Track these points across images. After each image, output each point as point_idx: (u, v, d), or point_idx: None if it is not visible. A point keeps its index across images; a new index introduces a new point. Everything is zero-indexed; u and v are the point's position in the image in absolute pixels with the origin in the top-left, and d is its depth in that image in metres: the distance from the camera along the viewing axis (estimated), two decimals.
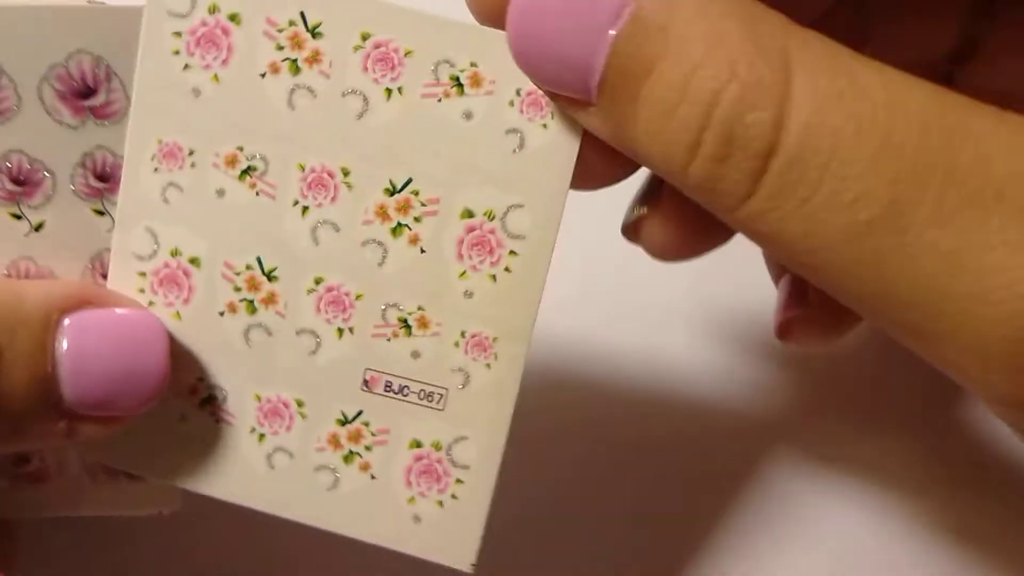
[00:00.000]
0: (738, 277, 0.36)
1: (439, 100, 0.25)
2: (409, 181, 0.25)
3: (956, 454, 0.36)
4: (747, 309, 0.38)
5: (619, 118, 0.23)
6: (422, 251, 0.26)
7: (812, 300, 0.29)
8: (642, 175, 0.28)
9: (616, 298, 0.39)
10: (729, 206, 0.22)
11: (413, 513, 0.27)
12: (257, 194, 0.26)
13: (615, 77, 0.22)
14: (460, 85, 0.25)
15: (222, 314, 0.26)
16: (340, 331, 0.26)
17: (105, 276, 0.27)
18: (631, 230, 0.28)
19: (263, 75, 0.25)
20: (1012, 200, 0.20)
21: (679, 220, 0.27)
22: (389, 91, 0.25)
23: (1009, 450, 0.36)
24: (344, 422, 0.27)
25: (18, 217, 0.26)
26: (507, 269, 0.26)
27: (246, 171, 0.26)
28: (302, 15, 0.25)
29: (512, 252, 0.25)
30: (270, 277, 0.26)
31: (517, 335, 0.26)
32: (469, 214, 0.25)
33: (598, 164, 0.25)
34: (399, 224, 0.26)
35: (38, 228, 0.26)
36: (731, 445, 0.36)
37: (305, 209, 0.26)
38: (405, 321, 0.26)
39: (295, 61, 0.25)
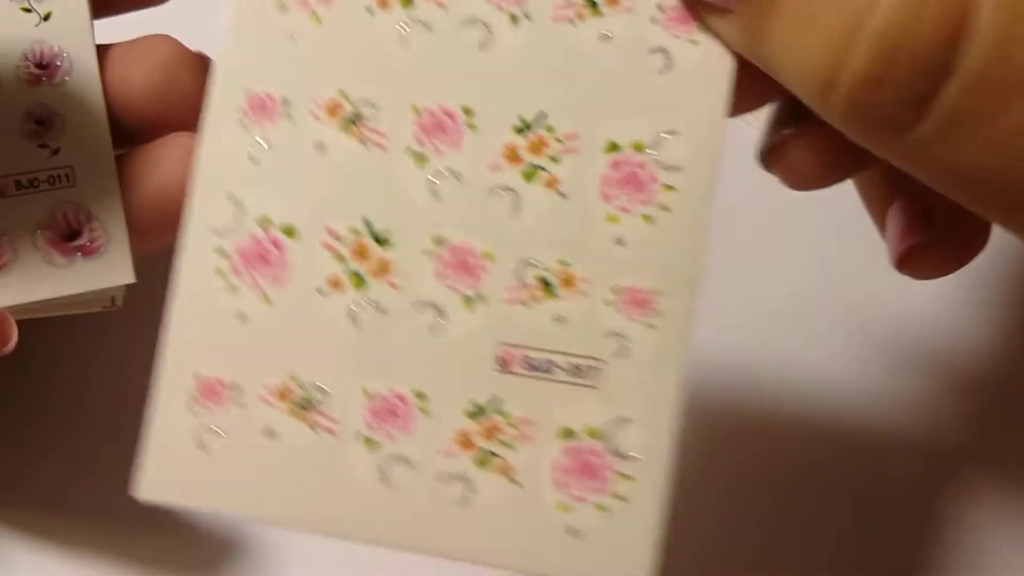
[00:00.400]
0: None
1: (572, 23, 0.22)
2: (542, 116, 0.22)
3: None
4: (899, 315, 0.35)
5: (756, 28, 0.20)
6: (561, 195, 0.22)
7: (940, 225, 0.25)
8: None
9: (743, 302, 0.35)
10: (883, 137, 0.20)
11: (567, 524, 0.21)
12: (364, 145, 0.22)
13: None
14: (594, 4, 0.22)
15: (321, 292, 0.22)
16: (467, 300, 0.22)
17: (39, 65, 0.26)
18: (770, 157, 0.25)
19: (370, 10, 0.22)
20: None
21: (830, 143, 0.24)
22: (514, 17, 0.22)
23: None
24: (475, 414, 0.22)
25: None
26: (664, 207, 0.22)
27: (351, 120, 0.22)
28: None
29: (668, 187, 0.22)
30: (381, 241, 0.22)
31: (684, 286, 0.22)
32: (614, 147, 0.22)
33: (747, 84, 0.22)
34: (533, 166, 0.22)
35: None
36: (894, 462, 0.32)
37: (421, 158, 0.22)
38: (545, 280, 0.22)
39: None
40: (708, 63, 0.22)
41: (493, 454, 0.21)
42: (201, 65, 0.28)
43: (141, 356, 0.32)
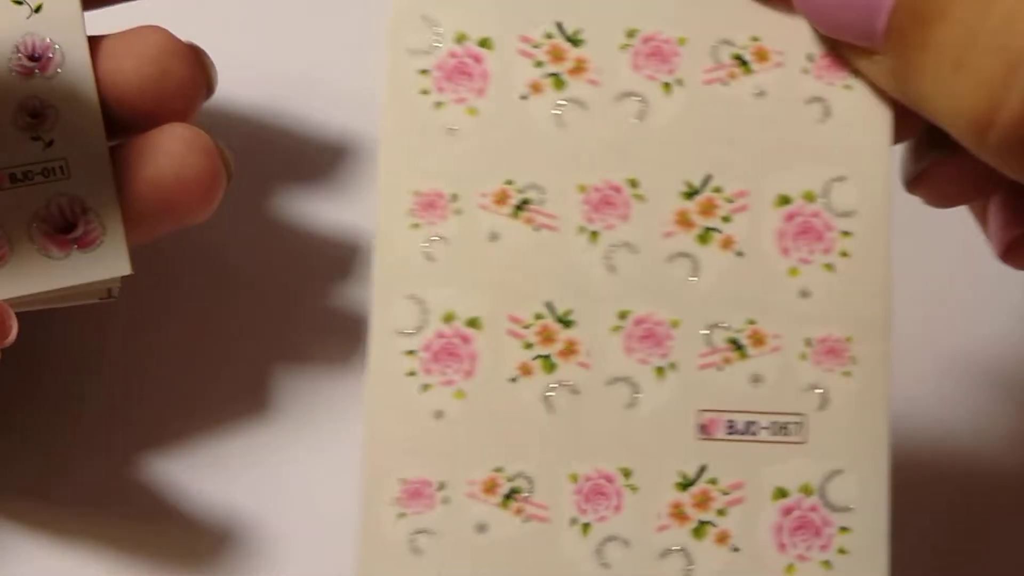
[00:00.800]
0: None
1: (724, 83, 0.22)
2: (709, 178, 0.22)
3: None
4: None
5: (905, 68, 0.20)
6: (739, 254, 0.22)
7: None
8: None
9: None
10: None
11: None
12: (536, 229, 0.22)
13: (903, 18, 0.20)
14: (745, 63, 0.22)
15: (514, 380, 0.22)
16: (660, 370, 0.22)
17: (31, 58, 0.26)
18: (915, 182, 0.25)
19: (524, 97, 0.22)
20: None
21: (978, 169, 0.24)
22: (667, 85, 0.22)
23: None
24: (686, 485, 0.21)
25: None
26: (843, 253, 0.22)
27: (520, 206, 0.22)
28: (559, 25, 0.22)
29: (845, 233, 0.22)
30: (566, 323, 0.22)
31: (875, 329, 0.22)
32: (785, 200, 0.22)
33: (897, 118, 0.22)
34: (706, 229, 0.22)
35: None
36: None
37: (594, 234, 0.22)
38: (736, 341, 0.22)
39: (558, 75, 0.22)
40: (867, 105, 0.22)
41: (709, 523, 0.21)
42: (193, 55, 0.28)
43: (138, 348, 0.32)
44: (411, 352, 0.22)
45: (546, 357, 0.22)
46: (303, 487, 0.31)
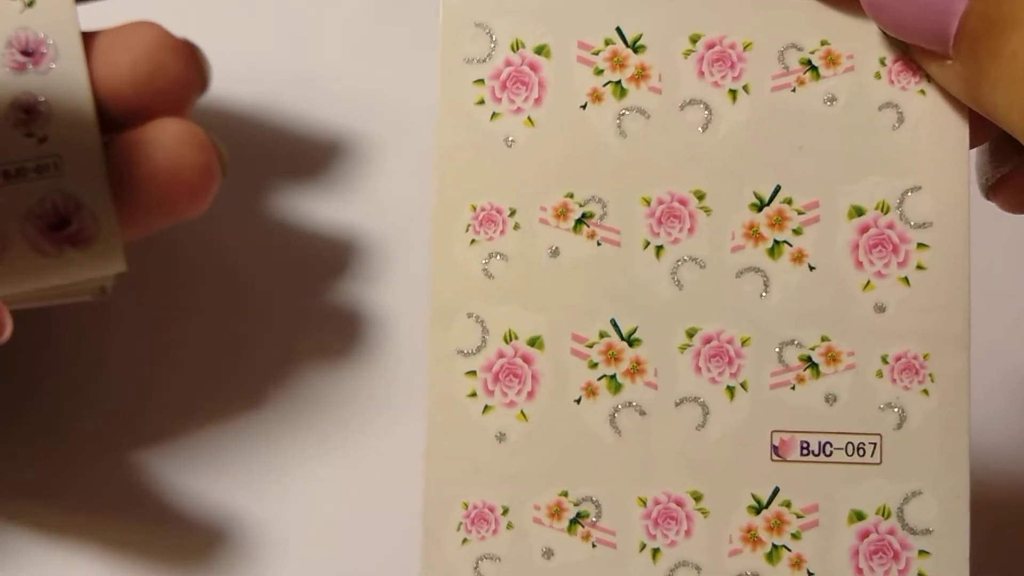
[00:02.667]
0: None
1: (793, 90, 0.21)
2: (778, 189, 0.21)
3: None
4: None
5: (976, 76, 0.19)
6: (811, 268, 0.21)
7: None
8: None
9: None
10: None
11: None
12: (598, 244, 0.21)
13: (975, 25, 0.19)
14: (814, 68, 0.21)
15: (579, 402, 0.21)
16: (731, 390, 0.21)
17: (25, 53, 0.26)
18: (996, 188, 0.24)
19: (584, 106, 0.21)
20: None
21: None
22: (734, 92, 0.21)
23: None
24: (759, 508, 0.21)
25: None
26: (920, 266, 0.21)
27: (581, 220, 0.21)
28: (619, 31, 0.22)
29: (921, 245, 0.21)
30: (631, 342, 0.21)
31: (953, 345, 0.21)
32: (858, 212, 0.21)
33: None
34: (776, 242, 0.21)
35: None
36: None
37: (659, 249, 0.21)
38: (809, 359, 0.21)
39: (619, 83, 0.22)
40: (942, 110, 0.21)
41: (783, 547, 0.21)
42: (187, 51, 0.28)
43: (138, 348, 0.32)
44: (472, 373, 0.21)
45: (611, 377, 0.21)
46: (303, 488, 0.31)
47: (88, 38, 0.27)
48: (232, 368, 0.32)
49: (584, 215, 0.21)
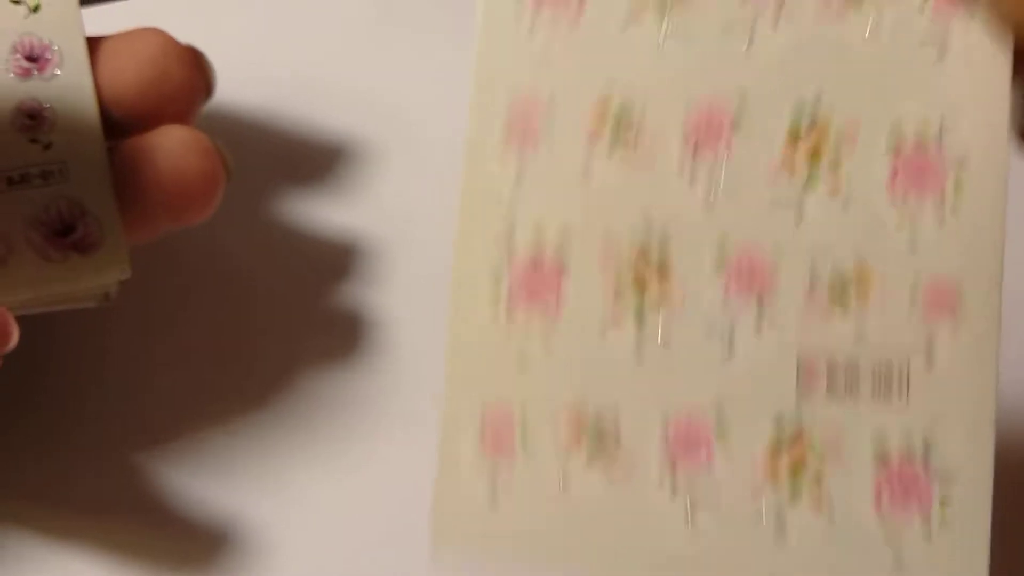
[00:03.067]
0: None
1: (835, 23, 0.21)
2: (814, 118, 0.21)
3: None
4: None
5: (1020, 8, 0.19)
6: (846, 200, 0.21)
7: None
8: None
9: None
10: None
11: (893, 556, 0.20)
12: (632, 164, 0.21)
13: None
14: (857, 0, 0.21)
15: (604, 321, 0.21)
16: (760, 318, 0.21)
17: (29, 58, 0.26)
18: None
19: (624, 27, 0.21)
20: None
21: None
22: (775, 19, 0.21)
23: None
24: (779, 443, 0.20)
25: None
26: (956, 202, 0.21)
27: (616, 129, 0.21)
28: None
29: (958, 180, 0.21)
30: (660, 263, 0.21)
31: (986, 282, 0.21)
32: (896, 145, 0.21)
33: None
34: (812, 174, 0.21)
35: None
36: None
37: (694, 174, 0.21)
38: (841, 290, 0.21)
39: (663, 3, 0.21)
40: (984, 47, 0.21)
41: (804, 484, 0.20)
42: (192, 58, 0.28)
43: (141, 352, 0.31)
44: (497, 284, 0.21)
45: (639, 297, 0.21)
46: (307, 491, 0.31)
47: (93, 44, 0.27)
48: (235, 371, 0.32)
49: (620, 122, 0.21)
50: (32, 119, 0.26)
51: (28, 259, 0.26)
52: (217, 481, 0.31)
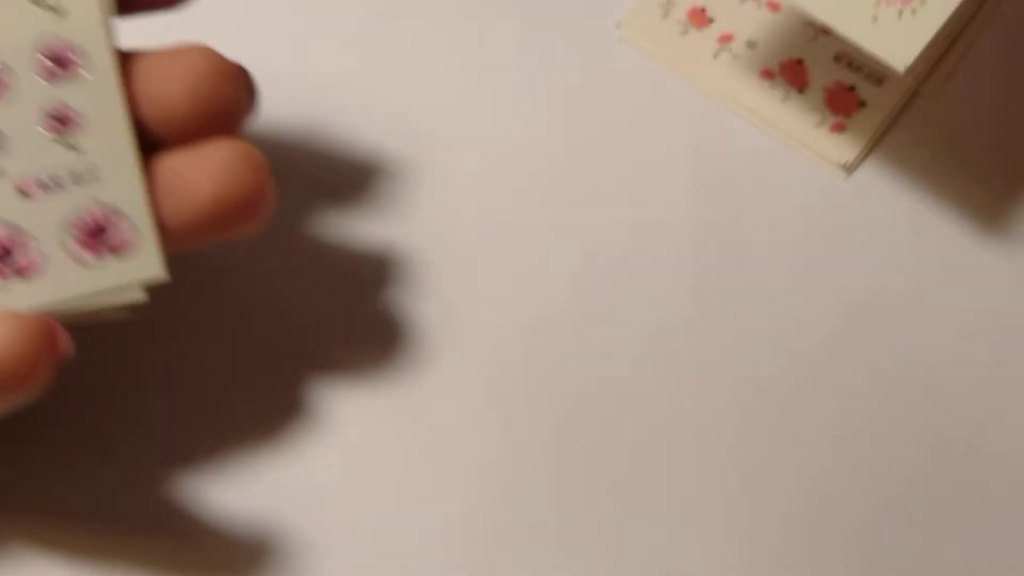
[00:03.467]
0: None
1: None
2: None
3: None
4: None
5: None
6: None
7: None
8: None
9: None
10: None
11: (872, 15, 0.30)
12: None
13: None
14: None
15: None
16: None
17: (56, 61, 0.27)
18: None
19: None
20: None
21: None
22: None
23: None
24: None
25: None
26: None
27: None
28: None
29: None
30: None
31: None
32: None
33: None
34: None
35: None
36: None
37: None
38: None
39: None
40: None
41: None
42: (240, 75, 0.29)
43: (170, 359, 0.33)
44: None
45: None
46: (335, 496, 0.32)
47: (137, 58, 0.28)
48: (266, 381, 0.33)
49: None
50: (61, 122, 0.27)
51: (63, 263, 0.26)
52: (247, 489, 0.31)
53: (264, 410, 0.33)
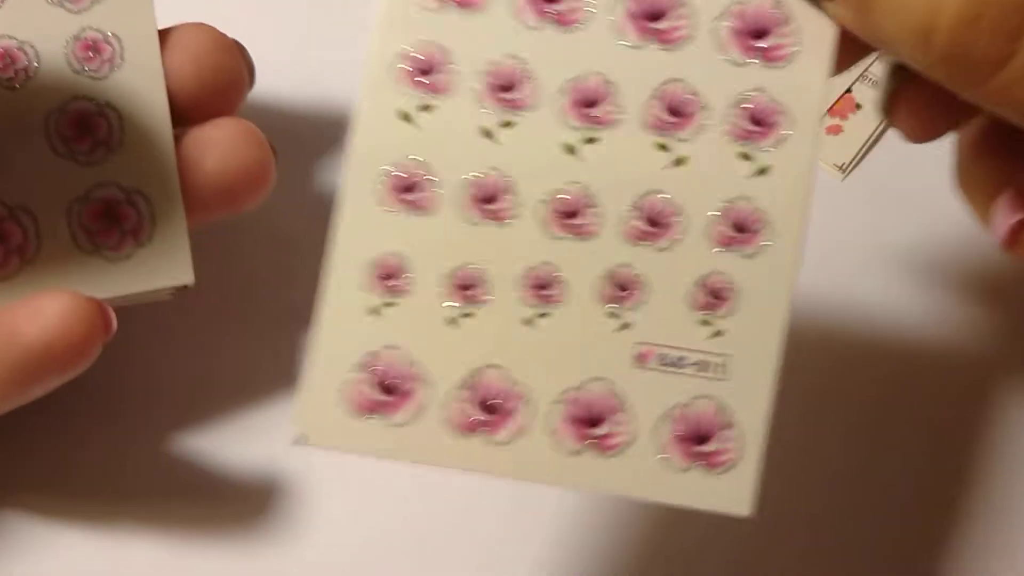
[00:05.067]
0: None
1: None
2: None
3: None
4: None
5: (862, 5, 0.22)
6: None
7: None
8: None
9: None
10: (978, 78, 0.21)
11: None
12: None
13: None
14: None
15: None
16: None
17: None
18: (891, 108, 0.26)
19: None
20: None
21: (930, 96, 0.25)
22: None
23: None
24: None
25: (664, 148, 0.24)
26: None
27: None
28: None
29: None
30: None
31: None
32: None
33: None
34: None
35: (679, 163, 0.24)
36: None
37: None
38: None
39: None
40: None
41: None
42: (238, 50, 0.29)
43: (171, 323, 0.33)
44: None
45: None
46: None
47: None
48: (265, 340, 0.34)
49: None
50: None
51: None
52: (248, 448, 0.32)
53: (262, 370, 0.33)
